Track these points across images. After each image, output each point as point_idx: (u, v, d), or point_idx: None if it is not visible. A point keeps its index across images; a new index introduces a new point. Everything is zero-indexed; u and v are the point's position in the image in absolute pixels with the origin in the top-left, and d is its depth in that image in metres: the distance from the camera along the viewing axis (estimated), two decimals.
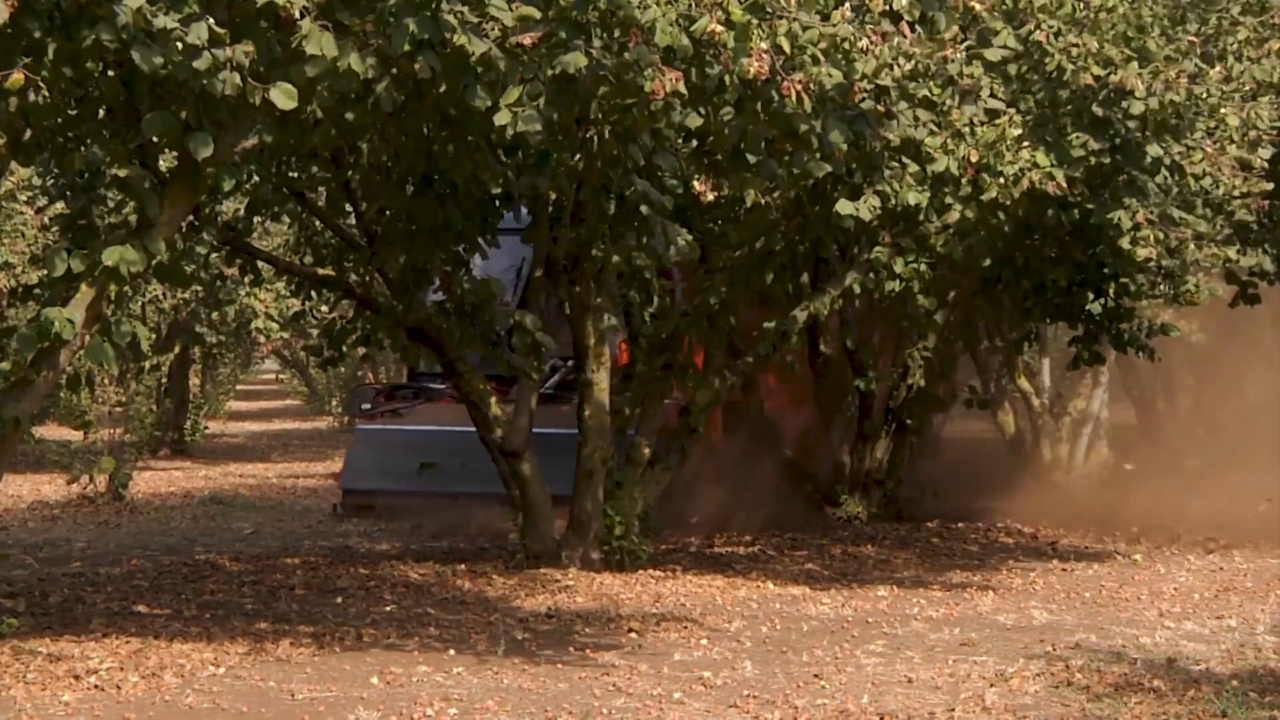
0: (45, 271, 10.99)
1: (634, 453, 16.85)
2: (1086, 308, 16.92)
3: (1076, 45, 14.31)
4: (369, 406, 19.97)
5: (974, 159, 13.84)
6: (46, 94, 9.76)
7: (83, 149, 12.39)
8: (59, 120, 11.58)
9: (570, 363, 17.46)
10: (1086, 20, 14.52)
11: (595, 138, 12.02)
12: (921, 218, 14.78)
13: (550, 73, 10.43)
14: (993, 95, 14.21)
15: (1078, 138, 14.60)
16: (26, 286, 12.00)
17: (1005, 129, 13.92)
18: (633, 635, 12.78)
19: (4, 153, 10.97)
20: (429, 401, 19.63)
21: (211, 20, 9.74)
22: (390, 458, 19.08)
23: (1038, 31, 14.43)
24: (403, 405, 19.73)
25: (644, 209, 13.62)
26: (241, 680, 10.77)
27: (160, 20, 9.61)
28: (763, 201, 15.14)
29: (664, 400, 17.38)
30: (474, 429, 16.55)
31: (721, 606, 14.37)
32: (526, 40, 10.28)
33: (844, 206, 13.89)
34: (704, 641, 12.61)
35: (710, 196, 13.34)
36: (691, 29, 10.68)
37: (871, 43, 11.56)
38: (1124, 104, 14.37)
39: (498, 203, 14.81)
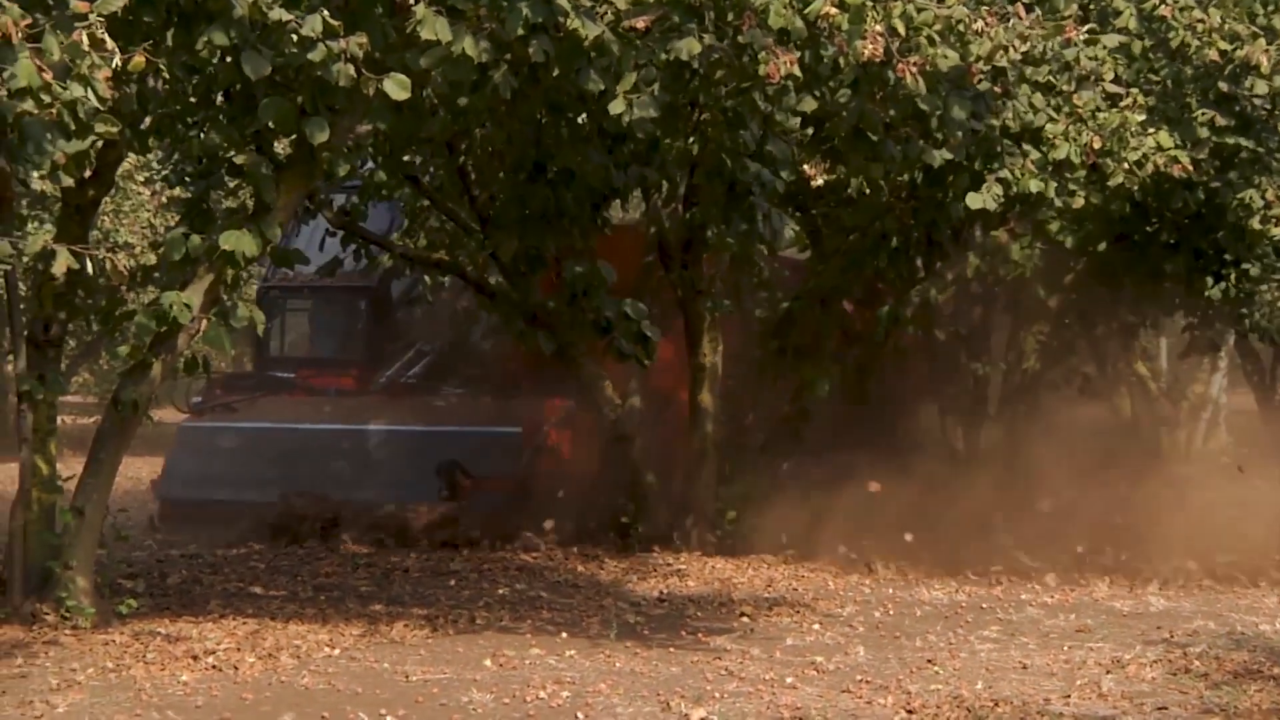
0: (163, 253, 11.10)
1: (747, 437, 16.79)
2: (1206, 294, 16.60)
3: (1202, 20, 14.09)
4: (199, 400, 17.91)
5: (1096, 145, 13.59)
6: (166, 79, 9.86)
7: (201, 135, 12.51)
8: (178, 106, 11.69)
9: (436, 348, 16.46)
10: None
11: (708, 123, 11.99)
12: (1045, 206, 14.52)
13: (664, 58, 10.41)
14: (1116, 79, 13.97)
15: (1204, 114, 14.37)
16: (145, 269, 12.12)
17: (1128, 114, 13.68)
18: (745, 620, 12.76)
19: (121, 139, 11.08)
20: (272, 394, 17.69)
21: (326, 12, 9.79)
22: (217, 462, 17.06)
23: (1162, 6, 14.23)
24: (239, 399, 17.70)
25: (754, 195, 13.49)
26: (356, 661, 10.84)
27: (275, 13, 9.67)
28: (880, 185, 15.03)
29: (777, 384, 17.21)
30: (324, 425, 15.71)
31: (834, 592, 14.32)
32: (640, 24, 10.26)
33: (973, 200, 13.52)
34: (816, 626, 12.56)
35: (819, 181, 13.24)
36: (805, 11, 10.63)
37: (987, 24, 11.47)
38: (1247, 82, 14.15)
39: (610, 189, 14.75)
